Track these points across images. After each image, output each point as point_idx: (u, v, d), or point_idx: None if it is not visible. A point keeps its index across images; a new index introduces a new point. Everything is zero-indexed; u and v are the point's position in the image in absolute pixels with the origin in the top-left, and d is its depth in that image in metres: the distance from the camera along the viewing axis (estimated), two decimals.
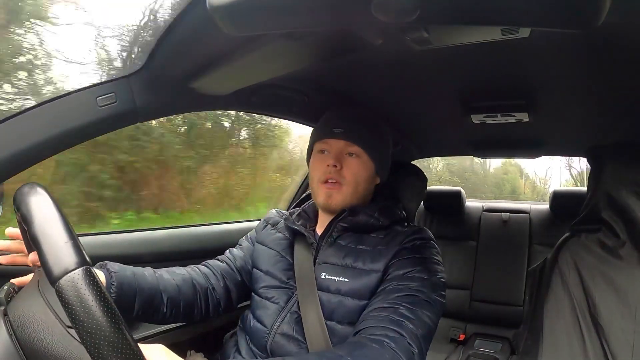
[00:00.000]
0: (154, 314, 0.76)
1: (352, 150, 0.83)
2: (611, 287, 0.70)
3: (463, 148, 1.64)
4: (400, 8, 0.41)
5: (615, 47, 0.67)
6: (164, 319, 0.79)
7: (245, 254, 0.95)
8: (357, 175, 0.83)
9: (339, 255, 0.82)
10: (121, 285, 0.70)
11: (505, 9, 0.40)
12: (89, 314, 0.37)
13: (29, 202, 0.47)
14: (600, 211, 0.75)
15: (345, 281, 0.78)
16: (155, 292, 0.76)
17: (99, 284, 0.39)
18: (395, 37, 0.64)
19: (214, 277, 0.89)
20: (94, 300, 0.38)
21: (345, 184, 0.82)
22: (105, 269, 0.71)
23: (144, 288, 0.74)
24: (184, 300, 0.81)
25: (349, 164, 0.83)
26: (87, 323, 0.37)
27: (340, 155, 0.83)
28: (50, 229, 0.43)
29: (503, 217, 1.97)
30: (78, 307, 0.37)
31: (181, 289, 0.81)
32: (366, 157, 0.84)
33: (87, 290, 0.38)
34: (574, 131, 1.30)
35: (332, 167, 0.82)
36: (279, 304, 0.82)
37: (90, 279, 0.39)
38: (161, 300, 0.77)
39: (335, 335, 0.76)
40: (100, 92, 0.72)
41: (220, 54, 0.67)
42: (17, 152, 0.66)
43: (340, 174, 0.82)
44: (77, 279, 0.38)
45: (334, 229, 0.84)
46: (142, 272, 0.77)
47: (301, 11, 0.45)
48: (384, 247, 0.80)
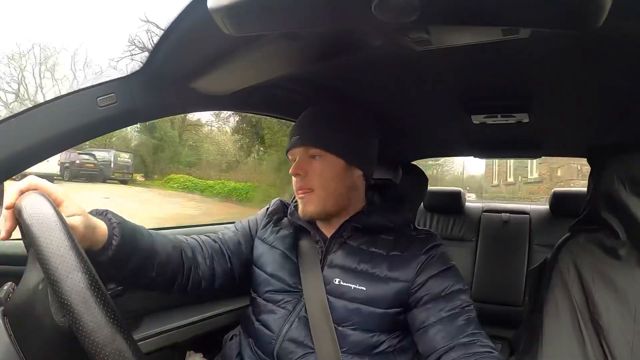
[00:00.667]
0: (143, 276, 0.72)
1: (313, 152, 0.81)
2: (611, 287, 0.70)
3: (463, 148, 1.64)
4: (400, 8, 0.41)
5: (616, 48, 0.67)
6: (149, 284, 0.74)
7: (240, 241, 0.91)
8: (324, 177, 0.80)
9: (353, 259, 0.80)
10: (123, 240, 0.65)
11: (506, 9, 0.40)
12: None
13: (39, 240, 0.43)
14: (600, 211, 0.75)
15: (363, 289, 0.77)
16: (150, 253, 0.72)
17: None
18: (395, 38, 0.64)
19: (201, 254, 0.84)
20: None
21: (315, 187, 0.80)
22: (106, 218, 0.66)
23: (140, 247, 0.69)
24: (170, 269, 0.76)
25: (312, 168, 0.81)
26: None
27: (303, 162, 0.81)
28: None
29: (503, 218, 1.97)
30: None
31: (170, 256, 0.76)
32: (330, 156, 0.80)
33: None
34: (574, 131, 1.30)
35: (296, 176, 0.81)
36: (286, 308, 0.81)
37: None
38: (152, 264, 0.72)
39: (345, 341, 0.75)
40: (100, 93, 0.72)
41: (220, 54, 0.67)
42: (17, 152, 0.66)
43: (307, 181, 0.81)
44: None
45: (345, 230, 0.83)
46: (139, 230, 0.72)
47: (301, 11, 0.45)
48: (399, 253, 0.79)
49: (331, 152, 0.80)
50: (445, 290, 0.76)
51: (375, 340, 0.76)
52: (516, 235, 1.92)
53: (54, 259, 0.40)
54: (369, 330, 0.76)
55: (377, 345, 0.76)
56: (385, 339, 0.77)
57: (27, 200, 0.48)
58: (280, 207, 0.95)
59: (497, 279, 1.86)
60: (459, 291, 0.76)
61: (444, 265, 0.79)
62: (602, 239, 0.75)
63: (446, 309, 0.74)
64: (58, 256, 0.41)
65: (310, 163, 0.81)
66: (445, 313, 0.73)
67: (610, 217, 0.73)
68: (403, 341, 0.79)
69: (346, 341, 0.75)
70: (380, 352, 0.77)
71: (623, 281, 0.69)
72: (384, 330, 0.77)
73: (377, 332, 0.76)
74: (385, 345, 0.77)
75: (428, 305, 0.75)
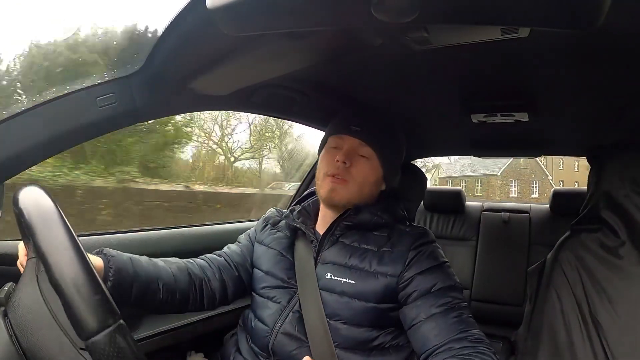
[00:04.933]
0: (151, 300, 0.75)
1: (364, 151, 0.84)
2: (611, 287, 0.70)
3: (463, 148, 1.64)
4: (400, 8, 0.41)
5: (615, 47, 0.67)
6: (160, 306, 0.78)
7: (243, 251, 0.95)
8: (365, 177, 0.83)
9: (344, 255, 0.82)
10: (119, 270, 0.69)
11: (505, 8, 0.40)
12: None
13: (41, 236, 0.44)
14: (600, 211, 0.75)
15: (352, 283, 0.78)
16: (152, 278, 0.75)
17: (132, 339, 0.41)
18: (395, 37, 0.64)
19: (209, 269, 0.88)
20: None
21: (351, 181, 0.82)
22: (102, 254, 0.70)
23: (140, 274, 0.73)
24: (179, 289, 0.80)
25: (358, 163, 0.83)
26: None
27: (351, 153, 0.83)
28: (77, 280, 0.42)
29: (503, 217, 1.97)
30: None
31: (176, 277, 0.80)
32: (377, 162, 0.84)
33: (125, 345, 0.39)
34: (573, 131, 1.30)
35: (341, 163, 0.82)
36: (280, 303, 0.82)
37: (125, 333, 0.40)
38: (157, 287, 0.75)
39: (338, 334, 0.76)
40: (100, 93, 0.72)
41: (220, 54, 0.67)
42: (17, 152, 0.66)
43: (348, 172, 0.82)
44: (113, 334, 0.39)
45: (336, 228, 0.84)
46: (137, 258, 0.76)
47: (301, 11, 0.45)
48: (389, 249, 0.80)
49: (380, 159, 0.85)
50: (434, 287, 0.75)
51: (367, 335, 0.77)
52: (516, 234, 1.91)
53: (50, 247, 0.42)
54: (360, 324, 0.77)
55: (370, 341, 0.77)
56: (377, 335, 0.78)
57: (25, 192, 0.48)
58: (275, 213, 0.99)
59: (497, 278, 1.86)
60: (449, 288, 0.76)
61: (434, 261, 0.79)
62: (602, 238, 0.75)
63: (436, 305, 0.73)
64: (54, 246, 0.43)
65: (357, 158, 0.83)
66: (435, 309, 0.73)
67: (610, 216, 0.73)
68: (398, 338, 0.79)
69: (338, 335, 0.76)
70: (374, 348, 0.77)
71: (623, 281, 0.69)
72: (376, 326, 0.78)
73: (369, 327, 0.77)
74: (378, 341, 0.78)
75: (418, 302, 0.75)
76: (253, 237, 0.97)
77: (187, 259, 0.88)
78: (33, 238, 0.44)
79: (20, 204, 0.48)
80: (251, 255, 0.94)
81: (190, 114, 6.01)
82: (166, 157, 4.59)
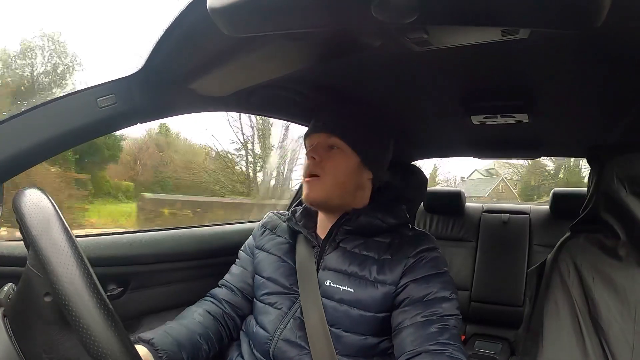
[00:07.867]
0: (199, 355, 0.80)
1: (333, 142, 0.82)
2: (611, 288, 0.70)
3: (463, 149, 1.64)
4: (399, 8, 0.41)
5: (615, 48, 0.67)
6: (207, 355, 0.82)
7: (243, 272, 0.94)
8: (337, 167, 0.81)
9: (344, 261, 0.80)
10: (167, 352, 0.73)
11: (505, 10, 0.40)
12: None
13: (48, 258, 0.41)
14: (600, 211, 0.75)
15: (350, 291, 0.77)
16: (191, 337, 0.79)
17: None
18: (394, 38, 0.64)
19: (230, 295, 0.91)
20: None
21: (324, 175, 0.81)
22: (144, 343, 0.73)
23: (181, 340, 0.77)
24: (212, 331, 0.84)
25: (329, 156, 0.82)
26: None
27: (321, 148, 0.82)
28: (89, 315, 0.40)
29: (503, 218, 1.97)
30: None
31: (204, 323, 0.84)
32: (349, 150, 0.82)
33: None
34: (574, 131, 1.30)
35: (311, 159, 0.81)
36: (281, 309, 0.81)
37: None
38: (198, 341, 0.80)
39: (339, 342, 0.75)
40: (100, 93, 0.72)
41: (220, 54, 0.67)
42: (18, 153, 0.66)
43: (320, 166, 0.81)
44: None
45: (337, 233, 0.83)
46: (170, 327, 0.80)
47: (300, 12, 0.45)
48: (390, 256, 0.79)
49: (351, 146, 0.82)
50: (427, 296, 0.74)
51: (369, 342, 0.76)
52: (516, 235, 1.91)
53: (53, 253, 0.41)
54: (361, 333, 0.76)
55: (372, 347, 0.76)
56: (379, 342, 0.77)
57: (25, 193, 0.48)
58: (274, 217, 0.98)
59: (497, 279, 1.86)
60: (442, 299, 0.74)
61: (432, 270, 0.77)
62: (602, 239, 0.75)
63: (422, 314, 0.72)
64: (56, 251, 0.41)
65: (327, 152, 0.82)
66: (420, 318, 0.71)
67: (610, 217, 0.73)
68: None
69: (340, 342, 0.75)
70: (376, 354, 0.77)
71: (623, 281, 0.69)
72: (376, 334, 0.76)
73: (369, 335, 0.76)
74: (380, 347, 0.77)
75: (406, 308, 0.74)
76: (252, 246, 0.95)
77: (196, 304, 0.91)
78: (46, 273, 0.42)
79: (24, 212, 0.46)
80: (252, 267, 0.93)
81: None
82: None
